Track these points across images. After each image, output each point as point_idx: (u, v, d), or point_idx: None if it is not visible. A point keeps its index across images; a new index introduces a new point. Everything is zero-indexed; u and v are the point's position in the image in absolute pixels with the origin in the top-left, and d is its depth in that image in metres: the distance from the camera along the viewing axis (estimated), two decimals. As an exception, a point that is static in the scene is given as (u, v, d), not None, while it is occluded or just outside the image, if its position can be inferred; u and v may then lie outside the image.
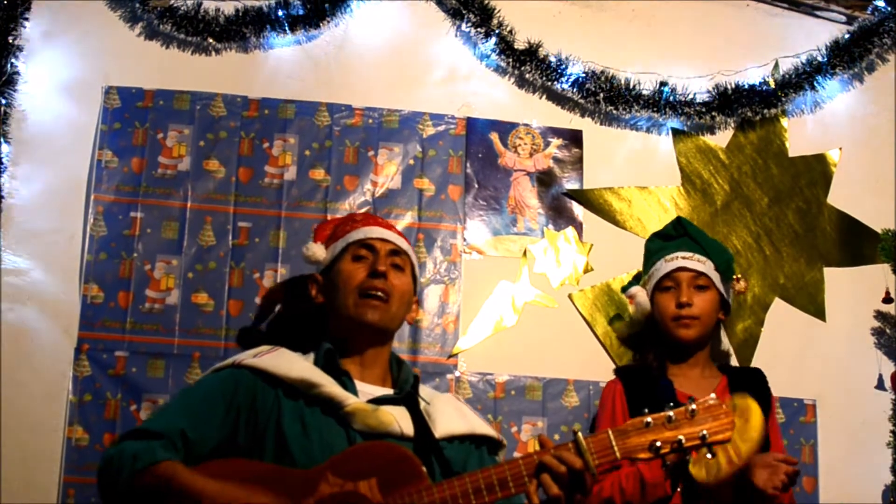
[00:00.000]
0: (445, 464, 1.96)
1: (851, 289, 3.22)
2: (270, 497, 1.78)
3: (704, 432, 1.80)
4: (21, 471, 2.75)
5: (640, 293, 2.86)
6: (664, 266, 2.80)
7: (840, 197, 3.29)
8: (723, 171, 3.27)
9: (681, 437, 1.79)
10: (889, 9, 3.30)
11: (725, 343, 3.12)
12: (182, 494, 1.78)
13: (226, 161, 3.04)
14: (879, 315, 3.20)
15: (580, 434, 1.81)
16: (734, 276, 2.96)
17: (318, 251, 2.24)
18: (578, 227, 3.17)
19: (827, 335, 3.18)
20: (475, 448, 2.10)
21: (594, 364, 3.02)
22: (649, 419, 1.81)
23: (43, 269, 2.91)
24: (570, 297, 3.11)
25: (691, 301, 2.74)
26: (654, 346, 2.83)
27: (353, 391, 2.03)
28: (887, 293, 3.13)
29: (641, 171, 3.25)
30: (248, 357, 2.05)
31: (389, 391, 2.10)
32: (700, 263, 2.79)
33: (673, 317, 2.75)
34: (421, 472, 1.83)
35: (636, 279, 2.99)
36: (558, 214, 3.17)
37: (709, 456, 1.82)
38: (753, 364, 3.05)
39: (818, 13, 3.43)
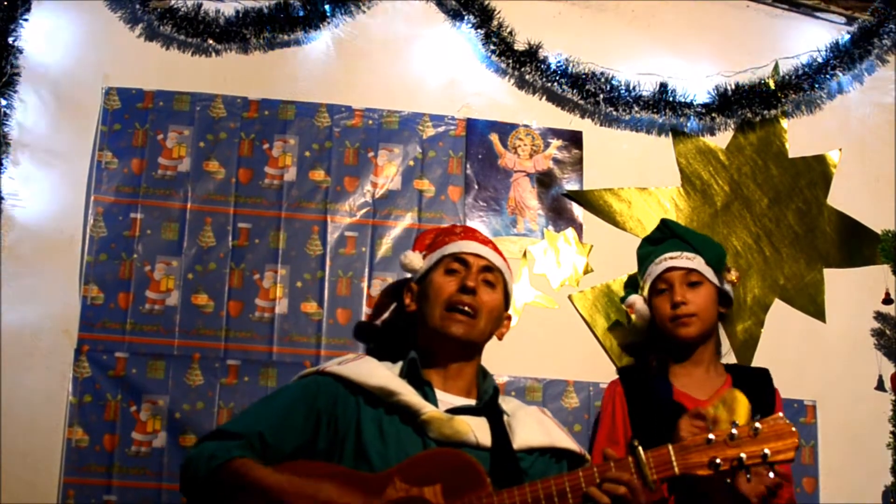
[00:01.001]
0: (521, 474, 1.98)
1: (851, 290, 3.22)
2: (338, 491, 1.82)
3: (767, 451, 1.80)
4: (21, 471, 2.75)
5: (639, 301, 2.84)
6: (654, 269, 2.79)
7: (840, 197, 3.29)
8: (723, 172, 3.27)
9: (742, 454, 1.80)
10: (889, 10, 3.31)
11: (726, 344, 3.12)
12: (254, 489, 1.85)
13: (226, 162, 3.04)
14: (879, 316, 3.20)
15: (640, 448, 1.83)
16: (725, 267, 2.94)
17: (414, 260, 2.30)
18: (578, 228, 3.17)
19: (827, 336, 3.18)
20: (555, 462, 2.12)
21: (594, 365, 3.02)
22: (712, 436, 1.81)
23: (43, 269, 2.91)
24: (570, 298, 3.11)
25: (685, 299, 2.73)
26: (658, 349, 2.82)
27: (434, 401, 2.06)
28: (887, 294, 3.13)
29: (641, 173, 3.25)
30: (333, 364, 2.11)
31: (472, 402, 2.11)
32: (688, 260, 2.77)
33: (670, 318, 2.74)
34: (485, 480, 1.86)
35: (629, 282, 2.98)
36: (558, 215, 3.17)
37: (771, 475, 1.81)
38: (753, 365, 3.05)
39: (818, 14, 3.43)
